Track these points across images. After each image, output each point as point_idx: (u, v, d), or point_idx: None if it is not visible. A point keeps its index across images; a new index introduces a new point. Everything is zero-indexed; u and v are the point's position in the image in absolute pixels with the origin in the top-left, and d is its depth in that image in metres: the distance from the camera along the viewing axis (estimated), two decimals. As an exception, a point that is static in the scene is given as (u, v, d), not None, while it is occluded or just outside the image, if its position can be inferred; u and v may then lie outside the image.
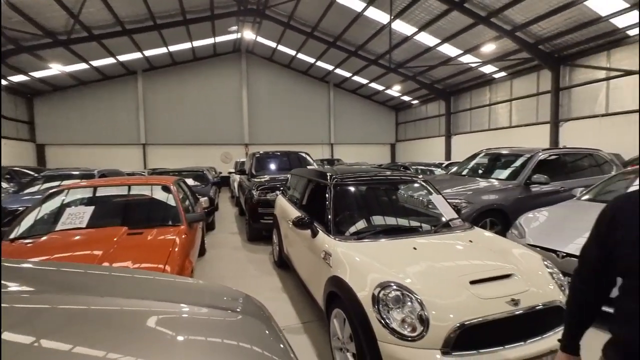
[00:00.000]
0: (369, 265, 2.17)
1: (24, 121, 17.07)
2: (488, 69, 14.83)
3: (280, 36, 17.14)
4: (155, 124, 19.55)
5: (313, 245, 2.81)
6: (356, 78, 19.92)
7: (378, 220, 3.01)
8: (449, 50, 13.89)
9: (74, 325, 0.93)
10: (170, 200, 3.60)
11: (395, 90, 20.25)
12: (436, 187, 3.46)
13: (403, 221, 3.07)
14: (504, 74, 14.81)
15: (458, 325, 1.73)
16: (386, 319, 1.80)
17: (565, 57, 12.11)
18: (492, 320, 1.78)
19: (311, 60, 19.14)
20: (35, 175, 8.38)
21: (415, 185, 3.53)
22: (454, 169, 6.84)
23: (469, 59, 14.11)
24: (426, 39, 13.53)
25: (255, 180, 6.47)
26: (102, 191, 3.84)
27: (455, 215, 3.04)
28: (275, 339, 1.12)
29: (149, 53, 16.74)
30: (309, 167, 6.09)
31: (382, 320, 1.80)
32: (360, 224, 2.85)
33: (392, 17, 12.16)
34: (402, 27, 13.22)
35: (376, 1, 12.09)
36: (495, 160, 6.16)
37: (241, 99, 20.73)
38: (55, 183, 6.74)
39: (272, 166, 7.74)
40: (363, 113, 23.10)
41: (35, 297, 1.11)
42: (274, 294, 3.75)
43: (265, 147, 15.91)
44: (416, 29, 13.03)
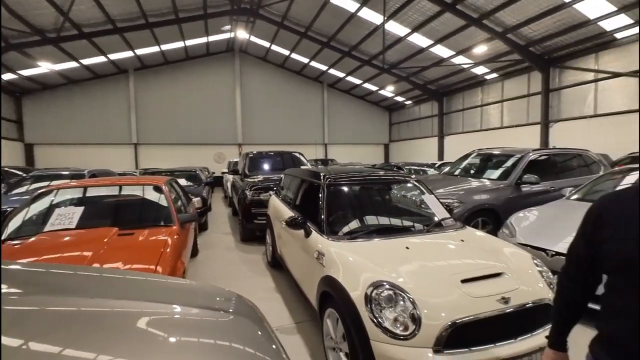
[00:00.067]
0: (361, 264, 2.18)
1: (12, 120, 16.75)
2: (480, 70, 15.00)
3: (274, 36, 17.10)
4: (147, 123, 19.33)
5: (306, 245, 2.81)
6: (350, 78, 19.97)
7: (371, 220, 3.02)
8: (442, 51, 14.01)
9: (63, 327, 0.92)
10: (162, 200, 3.56)
11: (388, 91, 20.35)
12: (429, 187, 3.48)
13: (396, 221, 3.09)
14: (495, 75, 14.99)
15: (450, 323, 1.75)
16: (379, 318, 1.81)
17: (555, 59, 12.31)
18: (483, 319, 1.80)
19: (305, 60, 19.13)
20: (24, 175, 8.23)
21: (408, 185, 3.55)
22: (447, 169, 6.90)
23: (461, 60, 14.25)
24: (419, 40, 13.64)
25: (249, 180, 6.45)
26: (93, 191, 3.78)
27: (447, 215, 3.07)
28: (267, 340, 1.12)
29: (140, 52, 16.55)
30: (302, 167, 6.08)
31: (375, 320, 1.81)
32: (353, 224, 2.86)
33: (386, 18, 12.22)
34: (396, 28, 13.30)
35: (370, 2, 12.14)
36: (487, 161, 6.23)
37: (234, 99, 20.62)
38: (44, 183, 6.63)
39: (266, 166, 7.72)
40: (357, 113, 23.17)
41: (23, 299, 1.09)
42: (267, 294, 3.74)
43: (258, 147, 15.86)
44: (409, 30, 13.12)
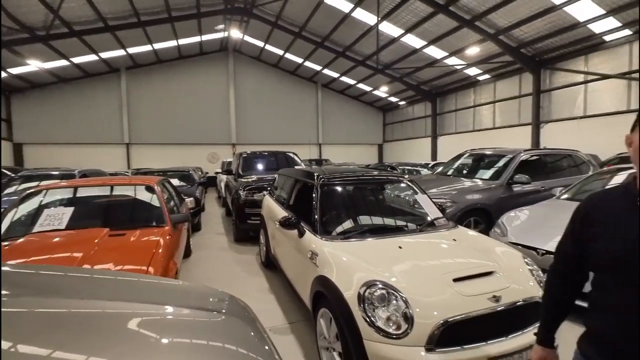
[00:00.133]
0: (355, 264, 2.19)
1: (1, 119, 16.43)
2: (472, 71, 15.15)
3: (268, 35, 17.05)
4: (140, 123, 19.12)
5: (300, 245, 2.81)
6: (344, 79, 20.00)
7: (364, 219, 3.03)
8: (435, 52, 14.11)
9: (53, 329, 0.91)
10: (154, 200, 3.53)
11: (382, 91, 20.44)
12: (422, 187, 3.51)
13: (389, 220, 3.11)
14: (487, 76, 15.16)
15: (442, 322, 1.76)
16: (371, 317, 1.82)
17: (545, 61, 12.49)
18: (475, 317, 1.82)
19: (299, 60, 19.11)
20: (12, 175, 8.07)
21: (401, 185, 3.58)
22: (440, 169, 6.96)
23: (454, 61, 14.37)
24: (413, 40, 13.72)
25: (242, 180, 6.42)
26: (83, 192, 3.73)
27: (440, 215, 3.10)
28: (260, 340, 1.12)
29: (132, 50, 16.36)
30: (296, 167, 6.08)
31: (368, 319, 1.82)
32: (346, 224, 2.87)
33: (379, 19, 12.27)
34: (389, 29, 13.36)
35: (364, 2, 12.18)
36: (479, 161, 6.29)
37: (228, 98, 20.50)
38: (34, 184, 6.52)
39: (260, 166, 7.69)
40: (351, 113, 23.22)
41: (12, 301, 1.07)
42: (260, 294, 3.73)
43: (252, 147, 15.81)
44: (403, 31, 13.20)
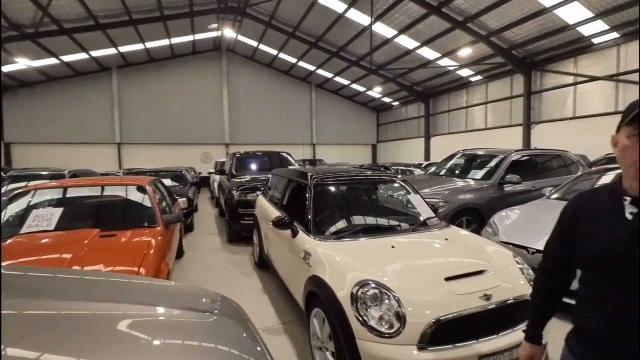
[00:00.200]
0: (348, 264, 2.20)
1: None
2: (465, 72, 15.29)
3: (262, 35, 16.99)
4: (131, 122, 18.89)
5: (293, 245, 2.80)
6: (338, 79, 20.03)
7: (358, 219, 3.04)
8: (428, 53, 14.22)
9: (41, 331, 0.89)
10: (146, 201, 3.49)
11: (376, 92, 20.52)
12: (415, 187, 3.53)
13: (382, 220, 3.12)
14: (479, 77, 15.32)
15: (433, 320, 1.77)
16: (364, 316, 1.83)
17: (536, 63, 12.68)
18: (466, 315, 1.84)
19: (293, 60, 19.08)
20: (0, 175, 7.90)
21: (394, 185, 3.60)
22: (433, 169, 7.02)
23: (446, 62, 14.49)
24: (406, 41, 13.80)
25: (236, 180, 6.39)
26: (73, 192, 3.67)
27: (432, 214, 3.12)
28: (252, 341, 1.12)
29: (124, 49, 16.16)
30: (289, 167, 6.07)
31: (360, 318, 1.83)
32: (340, 224, 2.88)
33: (373, 20, 12.32)
34: (383, 30, 13.42)
35: (357, 3, 12.22)
36: (471, 161, 6.36)
37: (221, 98, 20.38)
38: (22, 184, 6.40)
39: (253, 166, 7.66)
40: (345, 114, 23.26)
41: (-2, 303, 1.06)
42: (254, 294, 3.72)
43: (246, 147, 15.71)
44: (396, 32, 13.27)
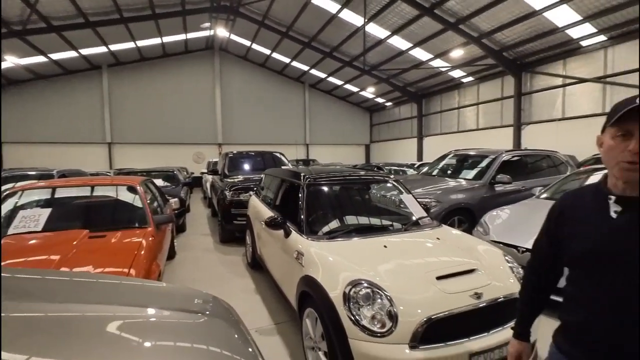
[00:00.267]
0: (340, 264, 2.20)
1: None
2: (457, 73, 15.44)
3: (255, 35, 16.92)
4: (122, 122, 18.64)
5: (286, 246, 2.80)
6: (331, 79, 20.05)
7: (350, 219, 3.05)
8: (421, 54, 14.32)
9: (30, 334, 0.87)
10: (137, 201, 3.45)
11: (369, 92, 20.60)
12: (408, 187, 3.55)
13: (375, 220, 3.13)
14: (471, 78, 15.49)
15: (425, 319, 1.79)
16: (356, 316, 1.83)
17: (526, 65, 12.87)
18: (457, 314, 1.85)
19: (286, 60, 19.04)
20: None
21: (387, 185, 3.61)
22: (425, 170, 7.07)
23: (439, 63, 14.62)
24: (399, 42, 13.88)
25: (228, 180, 6.35)
26: (62, 192, 3.61)
27: (424, 214, 3.14)
28: (243, 342, 1.11)
29: (114, 47, 15.94)
30: (283, 167, 6.06)
31: (353, 318, 1.83)
32: (333, 224, 2.88)
33: (366, 20, 12.37)
34: (376, 30, 13.48)
35: (350, 4, 12.25)
36: (463, 161, 6.42)
37: (214, 98, 20.24)
38: (9, 185, 6.25)
39: (246, 166, 7.62)
40: (338, 114, 23.30)
41: (-18, 306, 1.03)
42: (246, 295, 3.70)
43: (239, 147, 15.66)
44: (389, 33, 13.33)
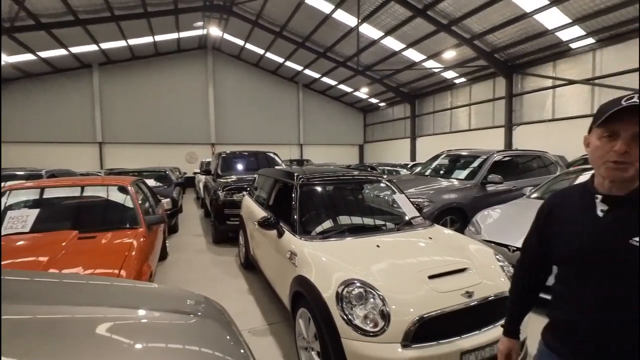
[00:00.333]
0: (333, 264, 2.20)
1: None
2: (449, 74, 15.58)
3: (248, 34, 16.84)
4: (114, 121, 18.39)
5: (279, 246, 2.79)
6: (325, 79, 20.06)
7: (344, 219, 3.05)
8: (414, 55, 14.41)
9: (17, 337, 0.85)
10: (128, 201, 3.41)
11: (363, 93, 20.66)
12: (401, 187, 3.57)
13: (368, 220, 3.14)
14: (463, 79, 15.64)
15: (417, 318, 1.80)
16: (349, 315, 1.84)
17: (517, 66, 13.04)
18: (449, 312, 1.87)
19: (280, 60, 18.99)
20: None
21: (380, 185, 3.63)
22: (418, 170, 7.12)
23: (431, 64, 14.73)
24: (392, 43, 13.95)
25: (221, 180, 6.31)
26: (51, 193, 3.55)
27: (417, 214, 3.17)
28: (235, 343, 1.11)
29: (105, 46, 15.72)
30: (276, 167, 6.04)
31: (346, 317, 1.83)
32: (326, 224, 2.88)
33: (360, 21, 12.40)
34: (369, 31, 13.53)
35: (344, 4, 12.27)
36: (455, 161, 6.48)
37: (207, 97, 20.09)
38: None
39: (239, 166, 7.59)
40: (332, 114, 23.31)
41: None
42: (240, 296, 3.68)
43: (232, 147, 15.55)
44: (382, 33, 13.39)
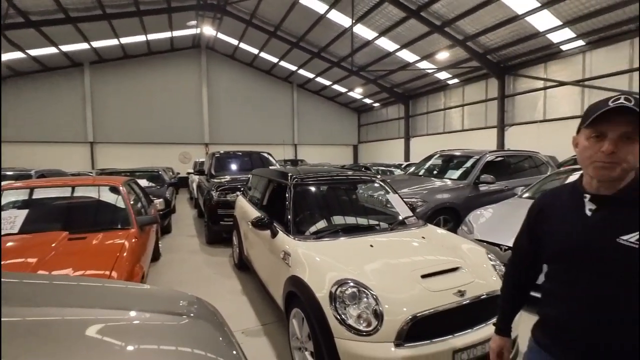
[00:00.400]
0: (327, 264, 2.20)
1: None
2: (443, 75, 15.70)
3: (242, 34, 16.77)
4: (105, 121, 18.16)
5: (273, 246, 2.78)
6: (319, 79, 20.07)
7: (337, 219, 3.05)
8: (407, 56, 14.50)
9: (6, 339, 0.83)
10: (119, 202, 3.37)
11: (357, 93, 20.71)
12: (395, 187, 3.59)
13: (362, 220, 3.15)
14: (456, 80, 15.77)
15: (410, 317, 1.81)
16: (343, 315, 1.84)
17: (509, 67, 13.19)
18: (442, 311, 1.88)
19: (274, 59, 18.95)
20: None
21: (374, 185, 3.64)
22: (412, 170, 7.16)
23: (425, 65, 14.83)
24: (386, 44, 14.02)
25: (215, 180, 6.27)
26: (40, 193, 3.50)
27: (410, 214, 3.18)
28: (228, 345, 1.10)
29: (97, 44, 15.52)
30: (270, 168, 6.02)
31: (339, 317, 1.84)
32: (320, 224, 2.88)
33: (354, 21, 12.44)
34: (364, 32, 13.57)
35: (338, 4, 12.29)
36: (448, 162, 6.53)
37: (201, 97, 19.95)
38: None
39: (233, 166, 7.55)
40: (326, 114, 23.33)
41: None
42: (233, 296, 3.66)
43: (226, 147, 15.48)
44: (377, 34, 13.44)
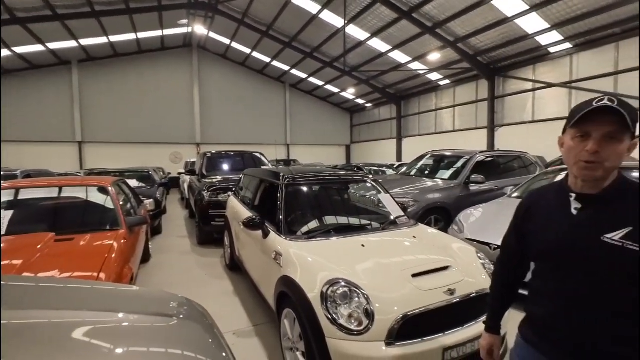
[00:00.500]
0: (318, 264, 2.20)
1: None
2: (434, 76, 15.85)
3: (234, 33, 16.68)
4: (94, 120, 17.86)
5: (264, 246, 2.77)
6: (312, 79, 20.06)
7: (329, 219, 3.06)
8: (399, 56, 14.60)
9: None
10: (108, 202, 3.32)
11: (349, 93, 20.77)
12: (386, 187, 3.61)
13: (353, 220, 3.16)
14: (448, 81, 15.94)
15: (401, 316, 1.82)
16: (334, 315, 1.84)
17: (499, 69, 13.39)
18: (432, 310, 1.90)
19: (267, 59, 18.89)
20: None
21: (366, 185, 3.65)
22: (403, 170, 7.21)
23: (417, 66, 14.95)
24: (378, 44, 14.09)
25: (206, 181, 6.22)
26: (26, 194, 3.42)
27: (401, 213, 3.20)
28: (217, 346, 1.09)
29: (85, 42, 15.25)
30: (262, 168, 6.00)
31: (330, 317, 1.84)
32: (311, 224, 2.88)
33: (346, 22, 12.47)
34: (356, 32, 13.62)
35: (331, 5, 12.31)
36: (440, 162, 6.60)
37: (192, 96, 19.77)
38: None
39: (225, 166, 7.50)
40: (319, 114, 23.35)
41: None
42: (225, 297, 3.64)
43: (218, 147, 15.36)
44: (369, 35, 13.51)
